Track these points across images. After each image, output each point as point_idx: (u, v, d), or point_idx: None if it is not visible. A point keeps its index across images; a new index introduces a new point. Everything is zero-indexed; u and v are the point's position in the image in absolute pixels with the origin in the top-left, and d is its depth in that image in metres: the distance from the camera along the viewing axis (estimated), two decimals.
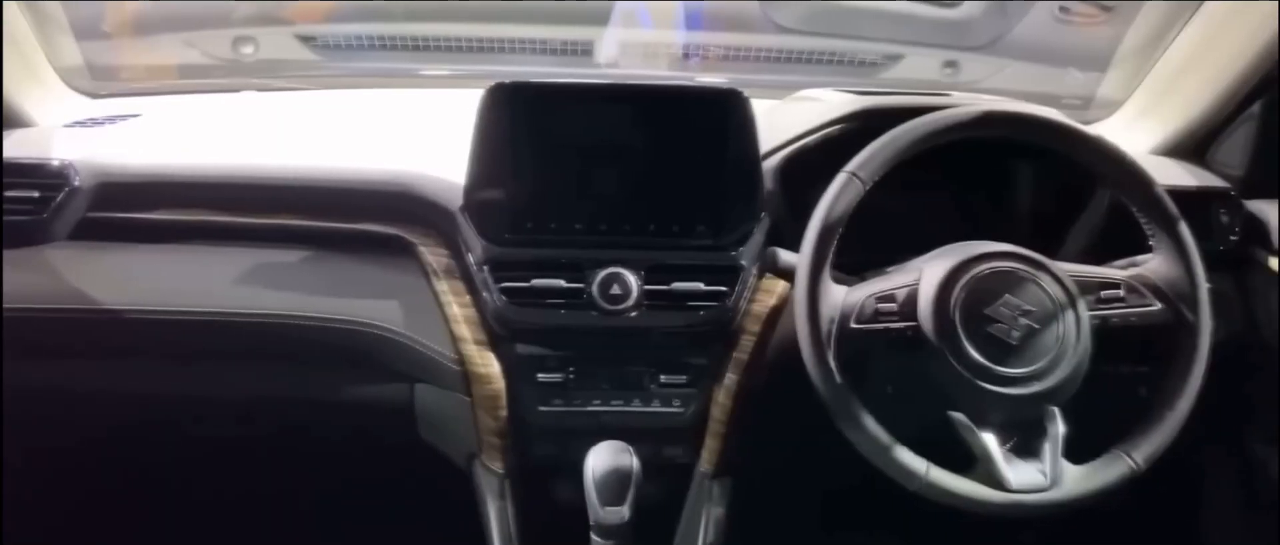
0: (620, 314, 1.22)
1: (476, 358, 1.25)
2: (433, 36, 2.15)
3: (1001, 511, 1.02)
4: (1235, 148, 1.42)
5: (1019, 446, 1.06)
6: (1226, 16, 1.38)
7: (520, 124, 1.23)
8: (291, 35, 2.20)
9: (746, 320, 1.27)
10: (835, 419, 1.05)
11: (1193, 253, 1.10)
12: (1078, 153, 1.14)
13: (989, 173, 1.41)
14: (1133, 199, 1.13)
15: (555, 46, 2.08)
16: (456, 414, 1.29)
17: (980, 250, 1.09)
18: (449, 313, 1.26)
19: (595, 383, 1.26)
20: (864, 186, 1.08)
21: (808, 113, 1.36)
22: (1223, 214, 1.37)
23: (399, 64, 2.18)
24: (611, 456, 1.14)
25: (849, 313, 1.07)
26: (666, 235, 1.26)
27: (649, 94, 1.27)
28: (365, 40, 2.14)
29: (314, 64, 2.18)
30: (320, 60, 2.19)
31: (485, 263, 1.23)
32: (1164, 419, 1.07)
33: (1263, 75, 1.35)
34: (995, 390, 1.04)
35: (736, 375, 1.27)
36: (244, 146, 1.43)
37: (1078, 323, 1.07)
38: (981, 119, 1.11)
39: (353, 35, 2.18)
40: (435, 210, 1.27)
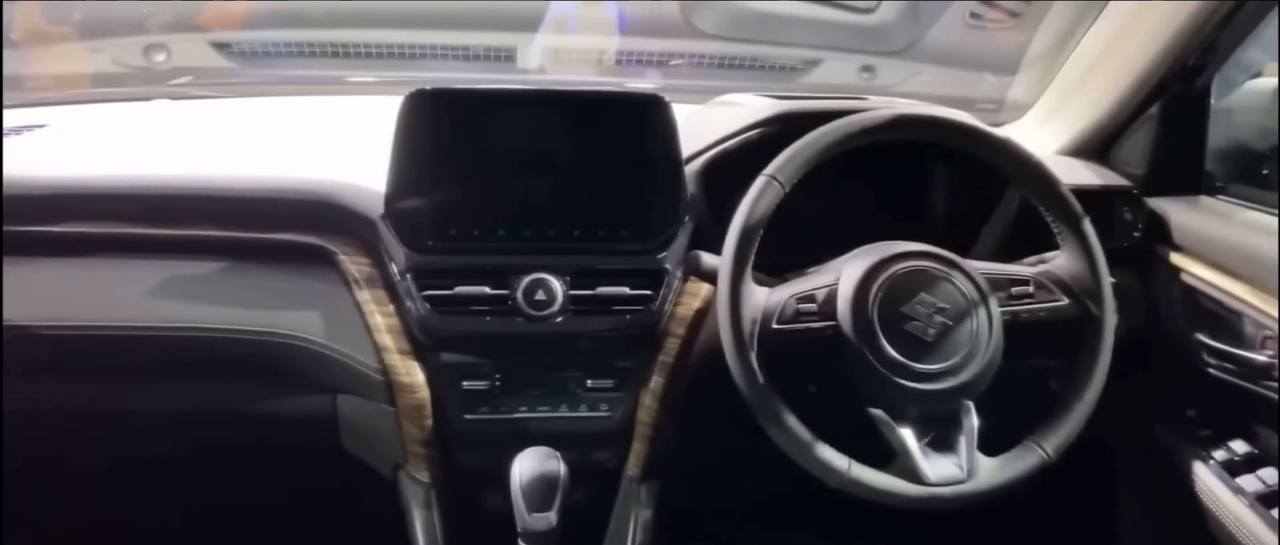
0: (546, 320, 1.22)
1: (400, 367, 1.24)
2: (352, 43, 2.12)
3: (920, 504, 1.04)
4: (1136, 148, 1.47)
5: (936, 441, 1.08)
6: (1125, 23, 1.43)
7: (441, 131, 1.22)
8: (206, 42, 2.15)
9: (672, 323, 1.28)
10: (758, 418, 1.06)
11: (1096, 249, 1.14)
12: (987, 154, 1.18)
13: (906, 174, 1.44)
14: (1039, 198, 1.17)
15: (477, 52, 2.07)
16: (381, 424, 1.28)
17: (897, 250, 1.12)
18: (371, 322, 1.24)
19: (521, 389, 1.26)
20: (783, 189, 1.10)
21: (729, 117, 1.38)
22: (1125, 211, 1.41)
23: (318, 71, 2.15)
24: (538, 462, 1.14)
25: (770, 313, 1.09)
26: (591, 240, 1.26)
27: (570, 100, 1.28)
28: (282, 47, 2.11)
29: (229, 71, 2.13)
30: (236, 67, 2.14)
31: (408, 271, 1.21)
32: (1072, 410, 1.10)
33: (1160, 78, 1.40)
34: (912, 386, 1.06)
35: (662, 378, 1.27)
36: (156, 156, 1.40)
37: (989, 319, 1.10)
38: (894, 122, 1.14)
39: (269, 42, 2.14)
40: (356, 219, 1.26)
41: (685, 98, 1.51)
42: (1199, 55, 1.36)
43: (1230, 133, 1.48)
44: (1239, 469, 1.29)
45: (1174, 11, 1.32)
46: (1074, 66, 1.55)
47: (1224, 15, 1.29)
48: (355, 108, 1.75)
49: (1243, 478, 1.28)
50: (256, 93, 1.91)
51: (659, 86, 1.53)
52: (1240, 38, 1.34)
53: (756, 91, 1.49)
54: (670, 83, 2.13)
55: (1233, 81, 1.47)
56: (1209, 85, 1.42)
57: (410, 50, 2.07)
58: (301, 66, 2.16)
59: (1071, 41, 1.57)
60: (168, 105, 1.66)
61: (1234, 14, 1.29)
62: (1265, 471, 1.27)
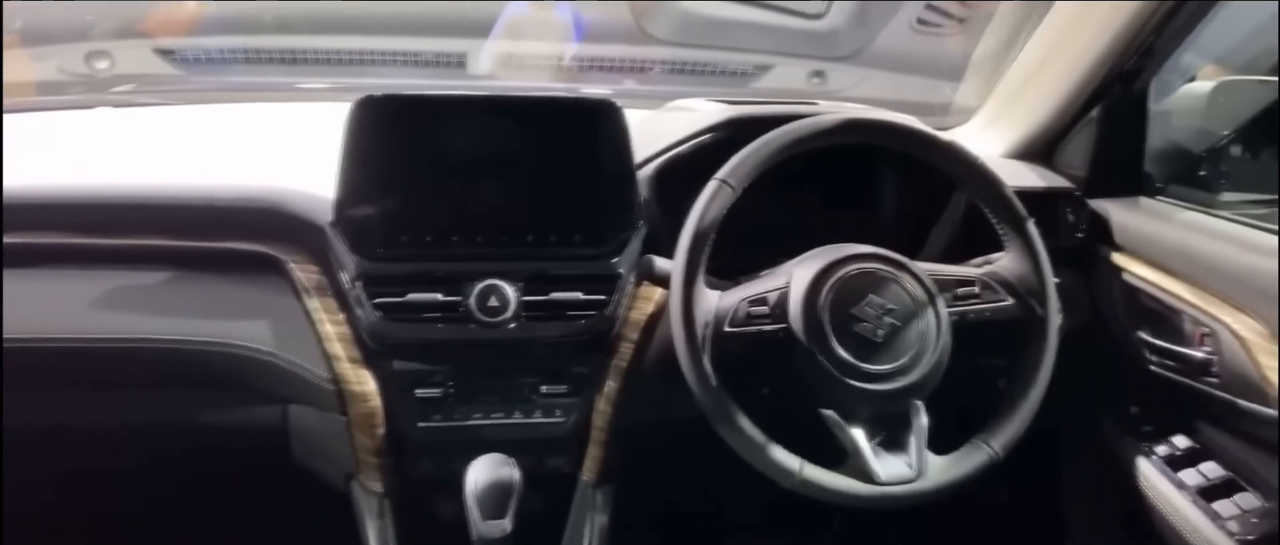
0: (499, 326, 1.22)
1: (351, 376, 1.22)
2: (301, 49, 2.10)
3: (871, 504, 1.06)
4: (1078, 150, 1.49)
5: (887, 440, 1.10)
6: (1065, 29, 1.46)
7: (391, 137, 1.21)
8: (150, 49, 2.12)
9: (625, 328, 1.28)
10: (712, 421, 1.06)
11: (1040, 250, 1.16)
12: (934, 157, 1.20)
13: (856, 178, 1.46)
14: (985, 200, 1.19)
15: (427, 58, 2.06)
16: (332, 434, 1.26)
17: (846, 252, 1.13)
18: (321, 331, 1.23)
19: (475, 396, 1.25)
20: (734, 193, 1.10)
21: (681, 122, 1.39)
22: (1069, 213, 1.44)
23: (266, 78, 2.12)
24: (492, 470, 1.13)
25: (722, 317, 1.10)
26: (544, 246, 1.26)
27: (521, 105, 1.28)
28: (228, 53, 2.08)
29: (175, 78, 2.10)
30: (181, 74, 2.12)
31: (358, 278, 1.20)
32: (1019, 408, 1.12)
33: (1099, 82, 1.42)
34: (862, 387, 1.07)
35: (616, 383, 1.27)
36: (100, 165, 1.37)
37: (937, 319, 1.11)
38: (843, 126, 1.15)
39: (215, 48, 2.11)
40: (305, 226, 1.24)
41: (638, 103, 1.52)
42: (1137, 60, 1.39)
43: (1168, 135, 1.51)
44: (1180, 463, 1.32)
45: (1112, 17, 1.35)
46: (1017, 72, 1.58)
47: (1160, 20, 1.33)
48: (304, 114, 1.72)
49: (1184, 472, 1.31)
50: (203, 100, 1.88)
51: (611, 92, 1.53)
52: (1176, 42, 1.37)
53: (708, 97, 1.50)
54: (623, 88, 2.14)
55: (1169, 85, 1.50)
56: (1147, 89, 1.45)
57: (359, 56, 2.06)
58: (249, 73, 2.14)
59: (1015, 47, 1.60)
60: (111, 113, 1.63)
61: (1169, 19, 1.32)
62: (1206, 465, 1.30)
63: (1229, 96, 1.48)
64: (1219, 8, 1.33)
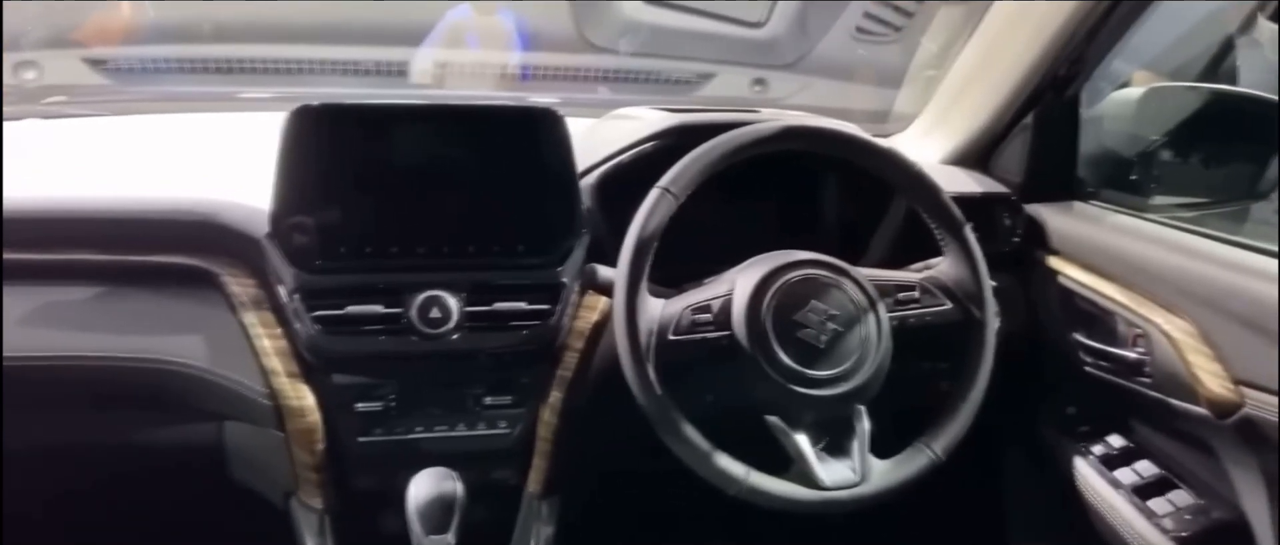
0: (441, 337, 1.20)
1: (289, 391, 1.20)
2: (237, 58, 2.07)
3: (816, 509, 1.06)
4: (1014, 156, 1.52)
5: (831, 446, 1.11)
6: (999, 36, 1.49)
7: (328, 147, 1.19)
8: (79, 59, 2.07)
9: (570, 337, 1.27)
10: (656, 430, 1.06)
11: (977, 255, 1.18)
12: (872, 164, 1.21)
13: (798, 185, 1.47)
14: (923, 206, 1.20)
15: (368, 67, 2.04)
16: (270, 450, 1.24)
17: (789, 259, 1.13)
18: (258, 345, 1.20)
19: (418, 409, 1.23)
20: (676, 201, 1.11)
21: (623, 130, 1.39)
22: (1005, 217, 1.46)
23: (201, 87, 2.08)
24: (434, 483, 1.12)
25: (666, 325, 1.09)
26: (487, 256, 1.25)
27: (461, 114, 1.26)
28: (161, 63, 2.04)
29: (106, 89, 2.05)
30: (113, 84, 2.07)
31: (296, 291, 1.18)
32: (959, 411, 1.14)
33: (1033, 89, 1.45)
34: (806, 392, 1.08)
35: (562, 393, 1.26)
36: (28, 178, 1.33)
37: (878, 324, 1.12)
38: (783, 134, 1.16)
39: (148, 58, 2.07)
40: (240, 239, 1.22)
41: (581, 111, 1.52)
42: (1069, 67, 1.42)
43: (1100, 141, 1.55)
44: (1116, 462, 1.35)
45: (1043, 25, 1.38)
46: (954, 79, 1.60)
47: (1090, 28, 1.35)
48: (241, 125, 1.69)
49: (1119, 471, 1.33)
50: (138, 110, 1.84)
51: (554, 100, 1.52)
52: (1106, 49, 1.40)
53: (651, 105, 1.50)
54: (565, 97, 2.13)
55: (1101, 92, 1.54)
56: (1078, 95, 1.48)
57: (298, 65, 2.03)
58: (184, 83, 2.09)
59: (952, 55, 1.62)
60: (40, 125, 1.58)
61: (1100, 27, 1.35)
62: (1140, 464, 1.33)
63: (1158, 102, 1.52)
64: (1145, 19, 1.36)
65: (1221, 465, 1.22)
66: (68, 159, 1.44)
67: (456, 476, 1.15)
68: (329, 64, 2.09)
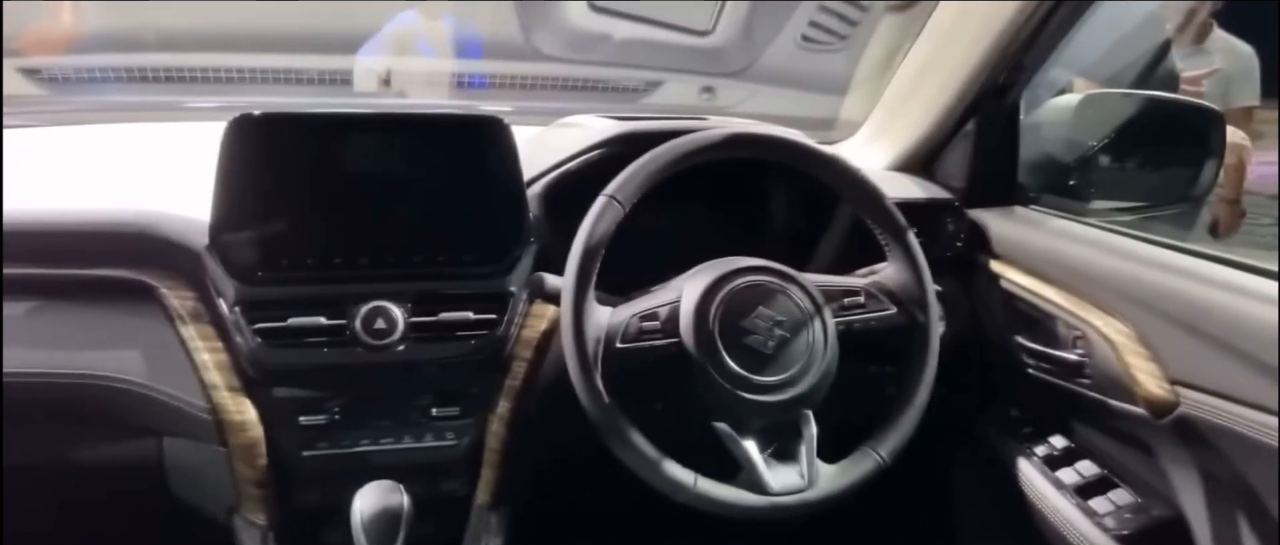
0: (386, 349, 1.19)
1: (230, 405, 1.18)
2: (181, 68, 2.03)
3: (764, 514, 1.07)
4: (956, 162, 1.54)
5: (779, 451, 1.11)
6: (939, 44, 1.51)
7: (269, 157, 1.17)
8: (14, 69, 2.01)
9: (518, 347, 1.26)
10: (605, 438, 1.06)
11: (920, 260, 1.20)
12: (817, 171, 1.22)
13: (746, 192, 1.48)
14: (867, 212, 1.22)
15: (311, 76, 2.01)
16: (211, 466, 1.21)
17: (736, 266, 1.14)
18: (198, 359, 1.18)
19: (363, 422, 1.21)
20: (623, 209, 1.10)
21: (571, 138, 1.38)
22: (948, 223, 1.48)
23: (142, 97, 2.04)
24: (380, 497, 1.11)
25: (614, 333, 1.09)
26: (432, 265, 1.23)
27: (405, 122, 1.25)
28: (100, 73, 1.99)
29: (41, 99, 2.00)
30: (49, 95, 2.02)
31: (237, 304, 1.16)
32: (904, 414, 1.15)
33: (973, 96, 1.47)
34: (753, 398, 1.08)
35: (510, 402, 1.26)
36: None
37: (824, 329, 1.13)
38: (728, 141, 1.16)
39: (86, 67, 2.02)
40: (179, 251, 1.19)
41: (528, 119, 1.51)
42: (1007, 74, 1.45)
43: (1040, 146, 1.57)
44: (1058, 462, 1.37)
45: (982, 33, 1.40)
46: (897, 86, 1.62)
47: (1027, 36, 1.38)
48: (182, 135, 1.66)
49: (1062, 471, 1.36)
50: (74, 120, 1.80)
51: (501, 109, 1.52)
52: (1043, 56, 1.43)
53: (599, 113, 1.50)
54: (512, 105, 2.12)
55: (1040, 99, 1.57)
56: (1018, 102, 1.51)
57: (241, 74, 1.99)
58: (124, 92, 2.05)
59: (896, 62, 1.64)
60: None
61: (1037, 34, 1.38)
62: (1082, 464, 1.36)
63: (1094, 108, 1.56)
64: (1082, 25, 1.39)
65: (1160, 464, 1.25)
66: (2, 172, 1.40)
67: (402, 489, 1.14)
68: (273, 73, 2.06)
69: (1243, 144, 3.02)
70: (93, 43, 2.13)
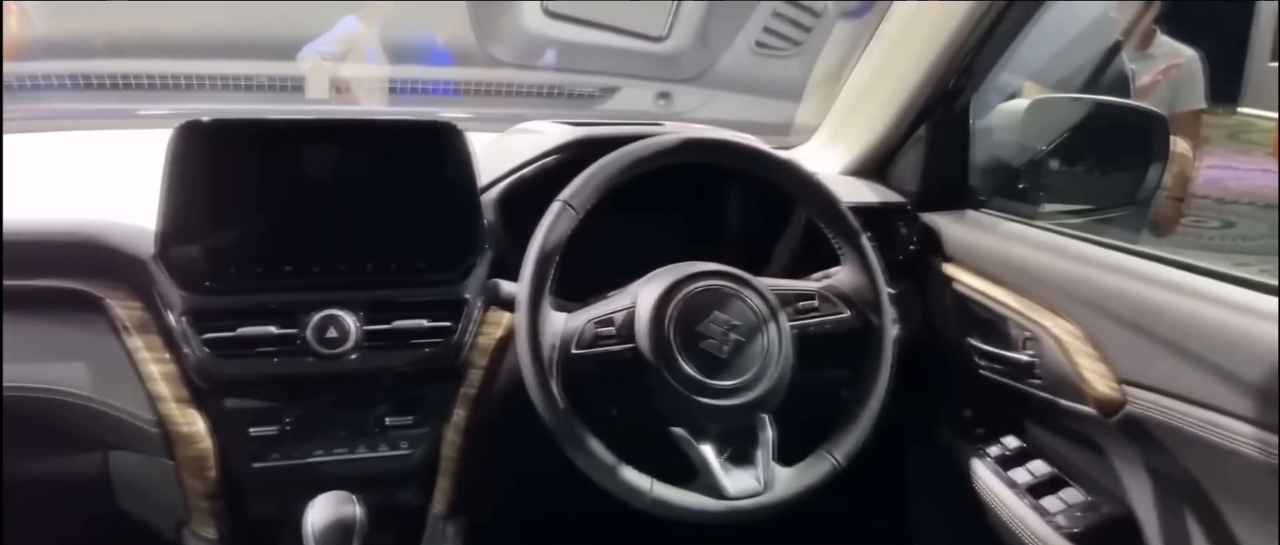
0: (339, 358, 1.17)
1: (178, 417, 1.15)
2: (130, 74, 1.99)
3: (721, 519, 1.07)
4: (909, 166, 1.56)
5: (735, 455, 1.11)
6: (890, 50, 1.53)
7: (217, 164, 1.15)
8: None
9: (474, 354, 1.25)
10: (560, 445, 1.05)
11: (874, 263, 1.21)
12: (771, 176, 1.22)
13: (702, 197, 1.48)
14: (820, 216, 1.22)
15: (262, 82, 1.98)
16: (160, 479, 1.19)
17: (691, 270, 1.14)
18: (144, 371, 1.16)
19: (315, 432, 1.20)
20: (577, 214, 1.10)
21: (526, 144, 1.38)
22: (902, 226, 1.50)
23: (90, 105, 2.00)
24: (333, 508, 1.09)
25: (569, 339, 1.09)
26: (386, 273, 1.22)
27: (357, 129, 1.24)
28: (45, 80, 1.95)
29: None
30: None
31: (185, 314, 1.14)
32: (859, 417, 1.16)
33: (925, 101, 1.50)
34: (709, 403, 1.08)
35: (465, 410, 1.24)
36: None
37: (780, 333, 1.14)
38: (682, 146, 1.16)
39: (29, 75, 1.98)
40: (125, 260, 1.17)
41: (486, 126, 1.50)
42: (957, 79, 1.47)
43: (991, 151, 1.60)
44: (1011, 462, 1.39)
45: (932, 39, 1.42)
46: (850, 92, 1.64)
47: (976, 41, 1.40)
48: (129, 143, 1.63)
49: (1014, 471, 1.37)
50: (21, 129, 1.75)
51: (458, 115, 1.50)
52: (992, 61, 1.45)
53: (555, 119, 1.49)
54: (471, 112, 2.11)
55: (990, 104, 1.59)
56: (968, 107, 1.53)
57: (188, 81, 1.96)
58: (70, 99, 2.01)
59: (848, 69, 1.66)
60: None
61: (985, 40, 1.40)
62: (1033, 463, 1.38)
63: (1042, 113, 1.58)
64: (1029, 31, 1.41)
65: (1109, 462, 1.27)
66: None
67: (356, 500, 1.12)
68: (224, 79, 2.03)
69: (1185, 153, 3.13)
70: (40, 49, 2.09)
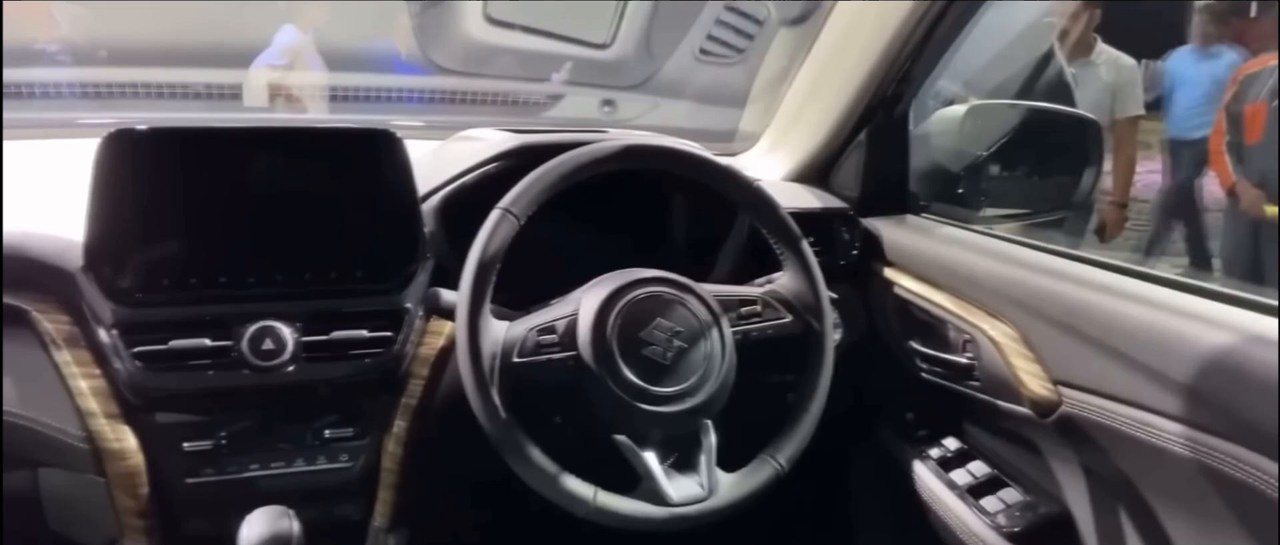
0: (275, 370, 1.15)
1: (108, 433, 1.12)
2: (56, 83, 1.94)
3: (665, 525, 1.06)
4: (851, 172, 1.58)
5: (679, 461, 1.11)
6: (831, 56, 1.54)
7: (148, 173, 1.13)
8: None
9: (414, 364, 1.24)
10: (502, 455, 1.05)
11: (814, 268, 1.22)
12: (713, 182, 1.23)
13: (646, 204, 1.48)
14: (762, 222, 1.23)
15: (197, 90, 1.94)
16: (90, 497, 1.15)
17: (634, 277, 1.14)
18: (73, 386, 1.12)
19: (252, 446, 1.17)
20: (518, 221, 1.09)
21: (467, 152, 1.37)
22: (844, 231, 1.51)
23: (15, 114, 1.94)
24: (268, 523, 1.07)
25: (511, 347, 1.08)
26: (324, 283, 1.20)
27: (293, 136, 1.22)
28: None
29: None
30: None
31: (114, 327, 1.11)
32: (801, 421, 1.17)
33: (864, 108, 1.51)
34: (652, 409, 1.08)
35: (406, 422, 1.23)
36: None
37: (722, 339, 1.14)
38: (623, 152, 1.16)
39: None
40: (51, 273, 1.14)
41: (432, 134, 1.48)
42: (896, 86, 1.49)
43: (930, 156, 1.62)
44: (951, 464, 1.41)
45: (870, 46, 1.44)
46: (793, 99, 1.65)
47: (913, 48, 1.42)
48: (57, 153, 1.58)
49: (955, 472, 1.39)
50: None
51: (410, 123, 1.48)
52: (929, 68, 1.47)
53: (499, 126, 1.48)
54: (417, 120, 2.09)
55: (927, 110, 1.61)
56: (907, 113, 1.55)
57: (121, 89, 1.91)
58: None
59: (790, 76, 1.67)
60: None
61: (922, 47, 1.42)
62: (973, 464, 1.39)
63: (979, 119, 1.61)
64: (965, 39, 1.43)
65: (1046, 462, 1.29)
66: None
67: (293, 515, 1.10)
68: (158, 87, 1.99)
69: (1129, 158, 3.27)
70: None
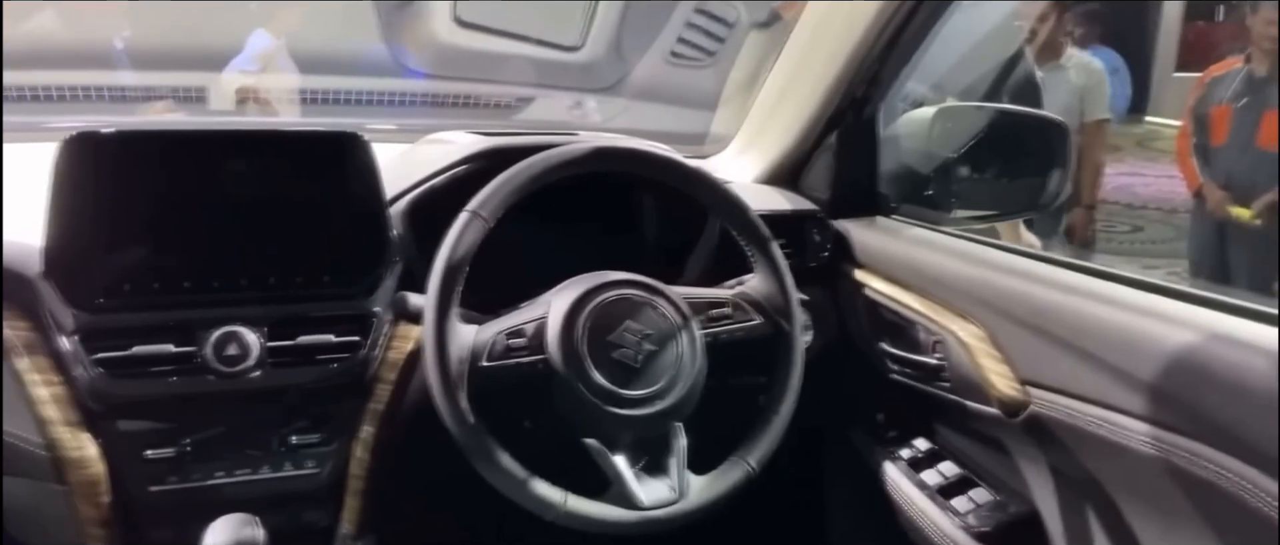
0: (240, 376, 1.14)
1: (68, 441, 1.10)
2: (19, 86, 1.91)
3: (636, 529, 1.06)
4: (821, 174, 1.58)
5: (649, 465, 1.11)
6: (799, 61, 1.55)
7: (110, 177, 1.11)
8: None
9: (382, 369, 1.22)
10: (470, 459, 1.04)
11: (784, 270, 1.22)
12: (683, 185, 1.23)
13: (616, 207, 1.48)
14: (732, 224, 1.23)
15: (164, 93, 1.92)
16: (50, 506, 1.13)
17: (603, 280, 1.13)
18: (32, 393, 1.10)
19: (216, 453, 1.16)
20: (486, 224, 1.09)
21: (436, 155, 1.36)
22: (814, 233, 1.51)
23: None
24: (233, 531, 1.06)
25: (479, 351, 1.07)
26: (289, 288, 1.19)
27: (258, 139, 1.21)
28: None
29: None
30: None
31: (75, 333, 1.09)
32: (771, 423, 1.17)
33: (833, 110, 1.52)
34: (622, 413, 1.07)
35: (374, 427, 1.22)
36: None
37: (692, 341, 1.14)
38: (593, 155, 1.16)
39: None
40: (10, 278, 1.12)
41: (399, 137, 1.47)
42: (865, 88, 1.49)
43: (899, 158, 1.62)
44: (922, 464, 1.41)
45: (838, 48, 1.45)
46: (763, 101, 1.65)
47: (881, 50, 1.43)
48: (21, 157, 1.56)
49: (925, 472, 1.40)
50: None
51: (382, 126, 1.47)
52: (897, 69, 1.48)
53: (469, 129, 1.48)
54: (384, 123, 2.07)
55: (897, 112, 1.62)
56: (876, 115, 1.55)
57: (85, 92, 1.89)
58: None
59: (761, 78, 1.67)
60: None
61: (890, 49, 1.43)
62: (944, 465, 1.40)
63: (948, 121, 1.62)
64: (932, 40, 1.44)
65: (1015, 462, 1.30)
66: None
67: (258, 522, 1.09)
68: (125, 90, 1.96)
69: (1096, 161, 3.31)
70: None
